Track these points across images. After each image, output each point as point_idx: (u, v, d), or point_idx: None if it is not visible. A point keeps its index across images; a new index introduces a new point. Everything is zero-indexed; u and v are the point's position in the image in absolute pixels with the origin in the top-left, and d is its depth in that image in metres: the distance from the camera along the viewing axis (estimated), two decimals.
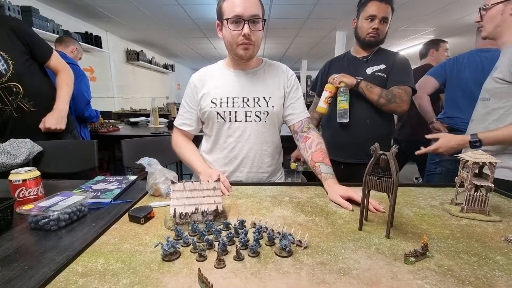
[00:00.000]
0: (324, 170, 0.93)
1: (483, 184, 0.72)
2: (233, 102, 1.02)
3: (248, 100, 1.03)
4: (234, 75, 1.05)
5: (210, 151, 1.11)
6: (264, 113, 1.04)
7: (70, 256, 0.53)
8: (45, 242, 0.60)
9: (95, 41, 4.07)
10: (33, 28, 2.82)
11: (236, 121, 1.03)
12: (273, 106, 1.04)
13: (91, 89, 2.30)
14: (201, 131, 1.15)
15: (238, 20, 0.90)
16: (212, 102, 1.02)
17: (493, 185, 0.71)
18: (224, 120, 1.03)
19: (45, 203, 0.71)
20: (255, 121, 1.04)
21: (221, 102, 1.02)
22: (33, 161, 1.63)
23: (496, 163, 0.71)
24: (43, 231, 0.65)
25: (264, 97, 1.03)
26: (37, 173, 0.78)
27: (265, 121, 1.04)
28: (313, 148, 1.00)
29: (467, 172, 0.74)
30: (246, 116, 1.03)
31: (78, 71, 2.12)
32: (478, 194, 0.73)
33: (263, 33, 0.98)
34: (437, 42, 2.36)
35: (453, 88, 1.76)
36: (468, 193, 0.74)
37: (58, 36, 3.02)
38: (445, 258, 0.54)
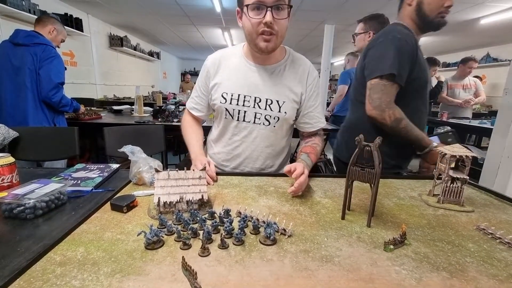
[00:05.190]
0: (303, 157, 0.93)
1: (459, 177, 0.75)
2: (244, 101, 0.96)
3: (260, 101, 0.96)
4: (250, 70, 0.97)
5: (216, 141, 1.09)
6: (274, 118, 0.98)
7: (48, 245, 0.51)
8: (20, 231, 0.58)
9: (76, 23, 3.86)
10: (6, 7, 2.64)
11: (244, 121, 0.99)
12: (285, 112, 0.98)
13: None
14: None
15: (259, 6, 0.81)
16: (222, 96, 0.97)
17: (468, 177, 0.75)
18: (232, 118, 0.99)
19: (20, 190, 0.67)
20: (263, 124, 0.99)
21: (231, 99, 0.96)
22: (9, 147, 1.56)
23: (472, 156, 0.74)
24: (18, 220, 0.62)
25: (277, 101, 0.97)
26: (11, 159, 0.74)
27: (274, 126, 1.00)
28: (308, 144, 1.01)
29: (445, 165, 0.77)
30: (255, 117, 0.98)
31: (49, 51, 1.91)
32: (454, 185, 0.77)
33: (288, 22, 0.87)
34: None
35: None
36: (445, 184, 0.77)
37: (34, 16, 2.85)
38: (421, 246, 0.56)
